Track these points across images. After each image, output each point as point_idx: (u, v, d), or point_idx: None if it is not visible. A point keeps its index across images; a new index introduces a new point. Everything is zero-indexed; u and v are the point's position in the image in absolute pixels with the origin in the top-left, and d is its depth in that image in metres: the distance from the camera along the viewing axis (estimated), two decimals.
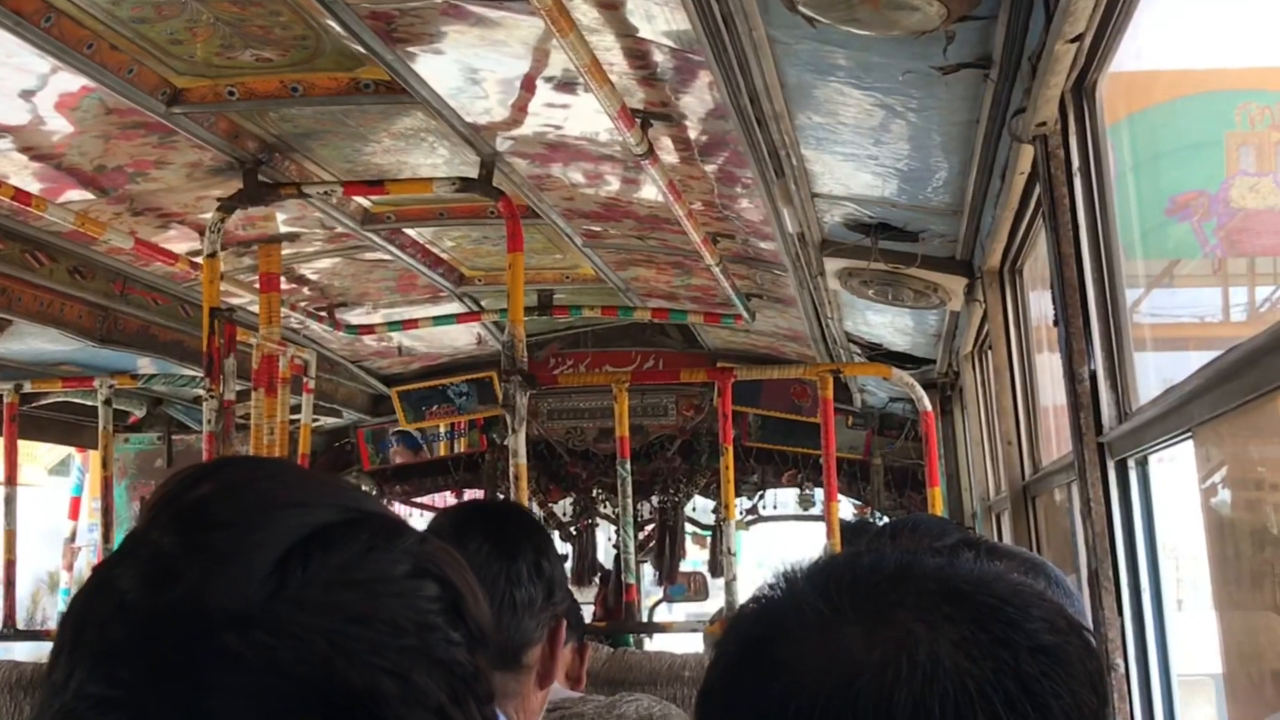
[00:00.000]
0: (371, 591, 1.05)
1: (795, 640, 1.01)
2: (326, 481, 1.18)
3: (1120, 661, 2.91)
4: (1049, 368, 4.55)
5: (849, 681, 0.95)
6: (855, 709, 0.94)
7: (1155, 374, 3.16)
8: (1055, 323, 3.14)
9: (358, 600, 1.04)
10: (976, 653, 0.96)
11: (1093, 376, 3.01)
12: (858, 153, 4.03)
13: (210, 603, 1.00)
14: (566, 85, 4.01)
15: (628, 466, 5.23)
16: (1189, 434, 2.45)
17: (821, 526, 5.32)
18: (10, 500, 6.00)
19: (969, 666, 0.95)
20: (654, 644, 8.22)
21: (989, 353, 5.53)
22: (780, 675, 0.99)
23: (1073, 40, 2.50)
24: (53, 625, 7.52)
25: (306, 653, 1.00)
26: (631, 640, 7.70)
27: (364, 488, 9.45)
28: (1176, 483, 2.98)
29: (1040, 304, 4.60)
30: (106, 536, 5.86)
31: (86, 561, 9.47)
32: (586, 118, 4.26)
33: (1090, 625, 2.02)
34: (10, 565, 5.85)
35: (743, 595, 5.13)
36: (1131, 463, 2.95)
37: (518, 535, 2.33)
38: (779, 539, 10.68)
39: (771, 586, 1.08)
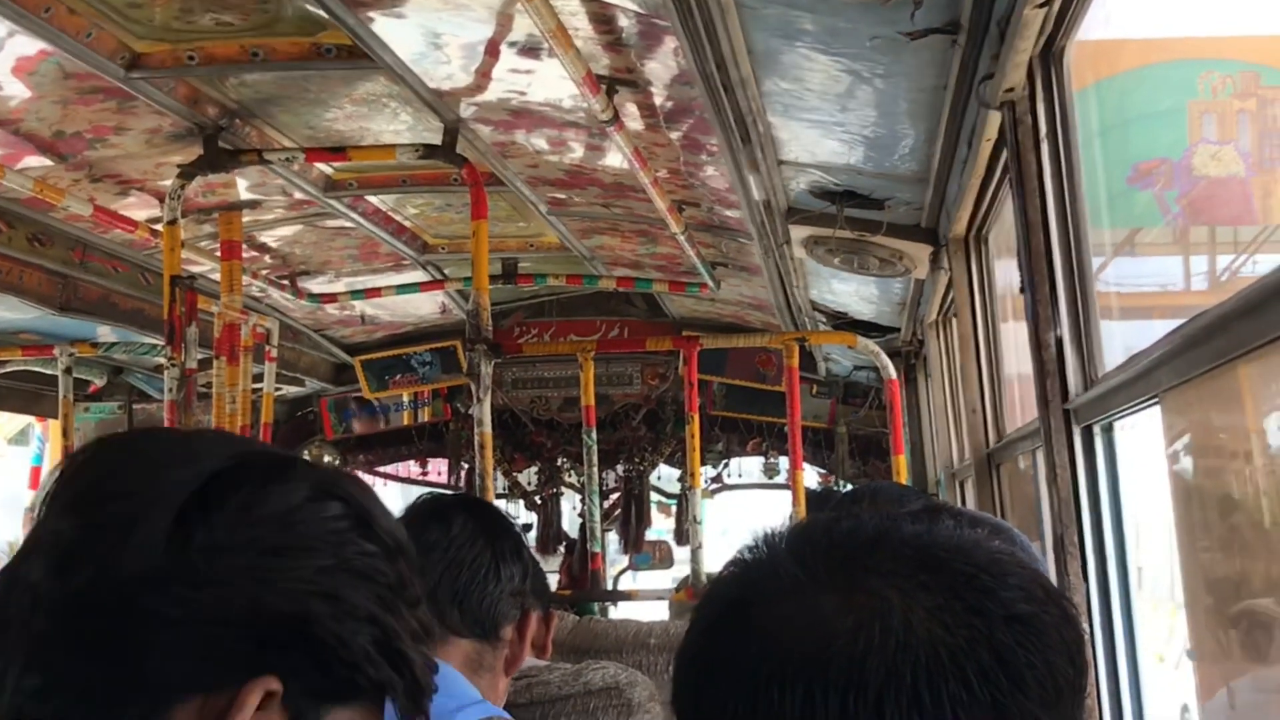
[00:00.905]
0: (278, 522, 1.07)
1: (771, 604, 1.00)
2: (205, 435, 1.21)
3: (1085, 627, 2.92)
4: (1013, 336, 4.56)
5: (822, 647, 0.95)
6: (828, 675, 0.94)
7: (1120, 342, 3.16)
8: (1021, 289, 3.14)
9: (266, 533, 1.06)
10: (950, 621, 0.95)
11: (1059, 343, 3.01)
12: (824, 119, 4.02)
13: (122, 572, 1.02)
14: (530, 50, 3.97)
15: (593, 435, 5.22)
16: (1156, 400, 2.46)
17: (786, 495, 5.33)
18: None
19: (942, 634, 0.95)
20: (619, 611, 8.24)
21: (954, 321, 5.53)
22: (756, 639, 0.99)
23: (1041, 5, 2.49)
24: None
25: (229, 594, 1.03)
26: (596, 609, 7.70)
27: (327, 458, 9.45)
28: (1139, 449, 2.99)
29: (1006, 272, 4.61)
30: None
31: None
32: (551, 84, 4.23)
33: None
34: None
35: (708, 563, 5.15)
36: (1097, 429, 2.96)
37: (499, 520, 2.43)
38: (744, 507, 10.70)
39: (750, 550, 1.08)
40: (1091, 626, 2.93)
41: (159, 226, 5.14)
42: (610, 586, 9.71)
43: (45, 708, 1.02)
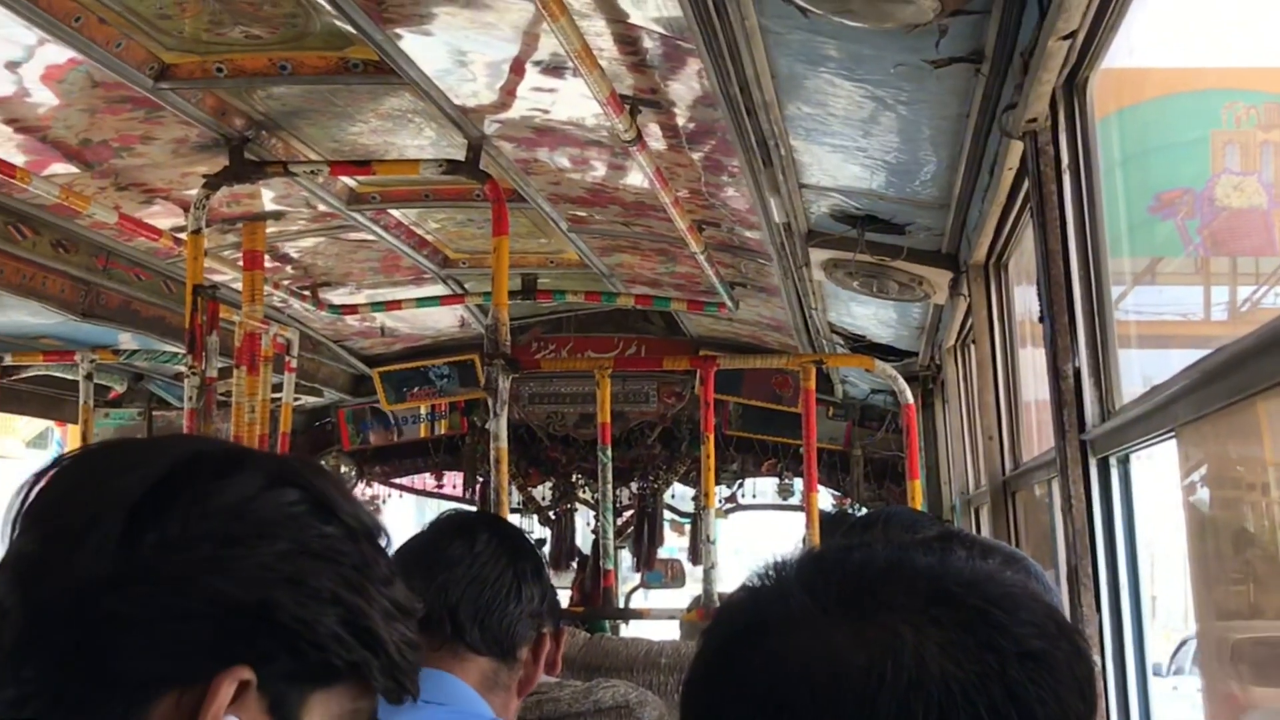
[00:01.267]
0: (232, 512, 1.08)
1: (782, 635, 1.00)
2: (162, 439, 1.22)
3: (1097, 658, 2.92)
4: (1031, 363, 4.56)
5: (833, 682, 0.95)
6: (839, 710, 0.94)
7: (1138, 371, 3.16)
8: (1040, 319, 3.14)
9: (221, 525, 1.07)
10: (962, 657, 0.95)
11: (1077, 374, 3.01)
12: (847, 144, 4.03)
13: (79, 579, 1.03)
14: (555, 69, 3.99)
15: (608, 453, 5.23)
16: (1172, 434, 2.46)
17: (800, 516, 5.33)
18: None
19: (954, 670, 0.95)
20: (629, 630, 8.23)
21: (972, 347, 5.53)
22: (766, 667, 0.99)
23: (1065, 37, 2.50)
24: None
25: (187, 589, 1.03)
26: (608, 626, 7.70)
27: (343, 469, 9.46)
28: (1155, 481, 2.98)
29: (1025, 299, 4.60)
30: None
31: None
32: (574, 102, 4.25)
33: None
34: None
35: (721, 583, 5.15)
36: (1113, 461, 2.96)
37: (522, 540, 2.44)
38: (757, 528, 10.68)
39: (761, 577, 1.08)
40: (1103, 658, 2.92)
41: (183, 235, 5.17)
42: (622, 604, 9.70)
43: (23, 713, 1.03)
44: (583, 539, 10.59)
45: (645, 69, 3.86)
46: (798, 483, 9.39)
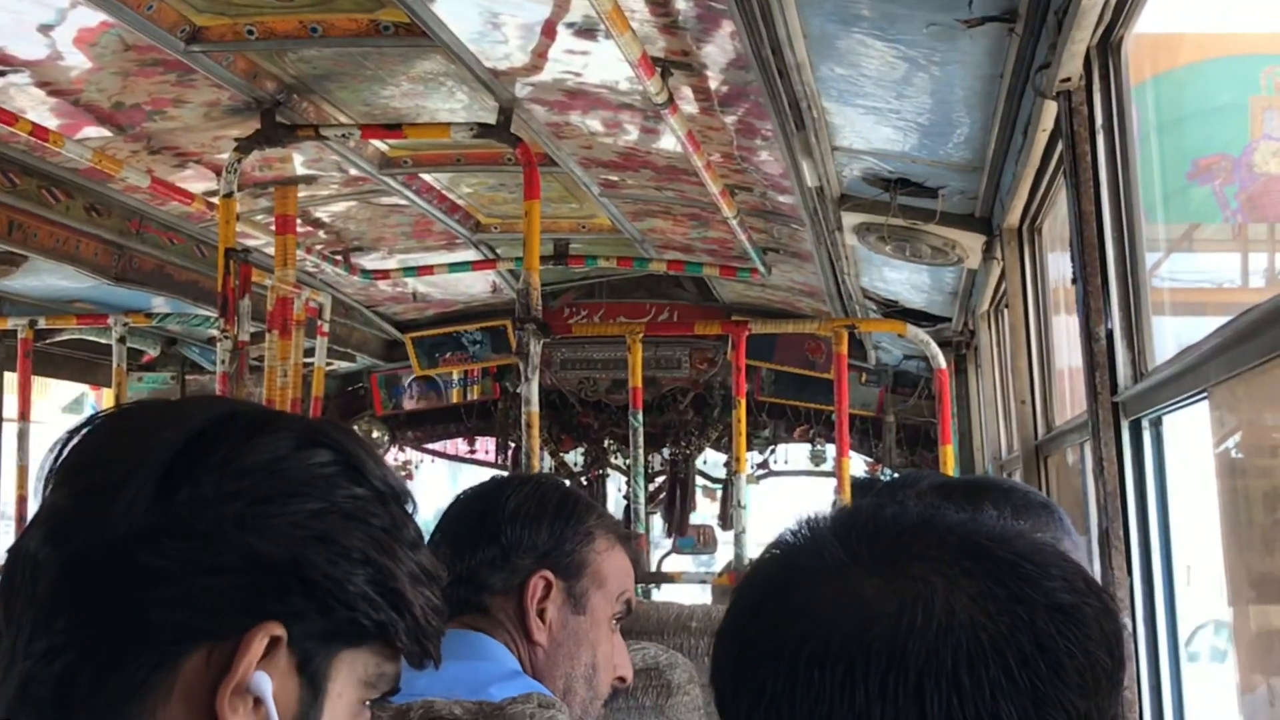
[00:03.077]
0: (265, 471, 1.09)
1: (813, 585, 1.01)
2: (194, 399, 1.25)
3: (1128, 621, 2.91)
4: (1065, 328, 4.53)
5: (863, 629, 0.96)
6: (868, 657, 0.95)
7: (1173, 338, 3.14)
8: (1073, 281, 3.12)
9: (253, 483, 1.08)
10: (993, 608, 0.96)
11: (1109, 336, 2.99)
12: (879, 106, 4.00)
13: (113, 532, 1.05)
14: (587, 32, 3.98)
15: (640, 418, 5.24)
16: (1204, 394, 2.44)
17: (831, 482, 5.33)
18: (23, 435, 6.03)
19: (984, 620, 0.96)
20: (661, 594, 8.25)
21: (1005, 311, 5.50)
22: (797, 619, 1.00)
23: None
24: None
25: (220, 544, 1.05)
26: (639, 590, 7.72)
27: (375, 434, 9.50)
28: (1189, 444, 2.97)
29: (1059, 263, 4.57)
30: None
31: None
32: (606, 65, 4.23)
33: (1087, 564, 2.03)
34: (22, 501, 5.88)
35: (752, 549, 5.16)
36: (1145, 423, 2.94)
37: (504, 490, 2.31)
38: (790, 493, 10.68)
39: (794, 533, 1.09)
40: (1134, 621, 2.91)
41: (215, 199, 5.18)
42: (654, 569, 9.73)
43: (52, 668, 1.04)
44: (614, 505, 10.61)
45: (677, 31, 3.84)
46: (830, 449, 9.39)
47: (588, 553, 2.25)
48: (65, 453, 1.13)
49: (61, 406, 15.83)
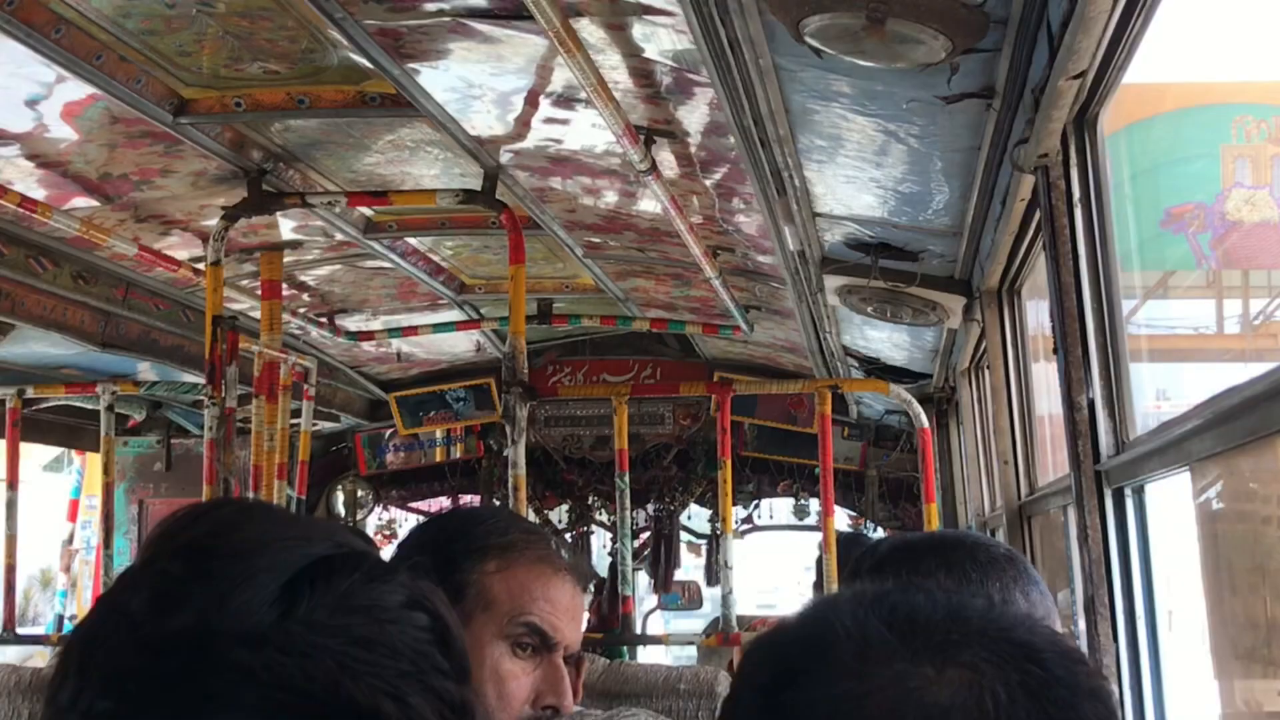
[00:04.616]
0: (373, 618, 1.12)
1: (856, 672, 1.00)
2: (315, 522, 1.28)
3: (1115, 689, 2.93)
4: (1046, 378, 4.57)
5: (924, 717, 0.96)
6: None
7: (1150, 385, 3.18)
8: (1055, 350, 3.16)
9: (361, 625, 1.10)
10: (1040, 694, 0.98)
11: (1091, 405, 3.03)
12: (859, 175, 4.06)
13: (221, 623, 1.06)
14: (567, 101, 4.03)
15: (626, 479, 5.24)
16: (1186, 468, 2.48)
17: (816, 536, 5.34)
18: (12, 505, 6.00)
19: (1033, 707, 0.97)
20: (646, 654, 8.24)
21: (986, 370, 5.55)
22: (841, 706, 0.99)
23: (1075, 77, 2.52)
24: (44, 624, 7.55)
25: (315, 670, 1.06)
26: (626, 652, 7.71)
27: (360, 493, 9.49)
28: (1170, 510, 3.00)
29: (1038, 314, 4.60)
30: (107, 541, 5.87)
31: (82, 563, 9.48)
32: (586, 132, 4.29)
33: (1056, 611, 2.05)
34: (10, 570, 5.85)
35: (738, 606, 5.17)
36: (1128, 491, 2.97)
37: None
38: (773, 548, 10.69)
39: (813, 610, 1.08)
40: (1121, 689, 2.94)
41: (200, 265, 5.21)
42: (639, 625, 9.71)
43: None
44: (599, 561, 10.60)
45: (659, 100, 3.90)
46: (813, 503, 9.40)
47: (474, 574, 2.17)
48: (186, 525, 1.15)
49: (42, 465, 15.77)
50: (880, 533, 9.02)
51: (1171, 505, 2.94)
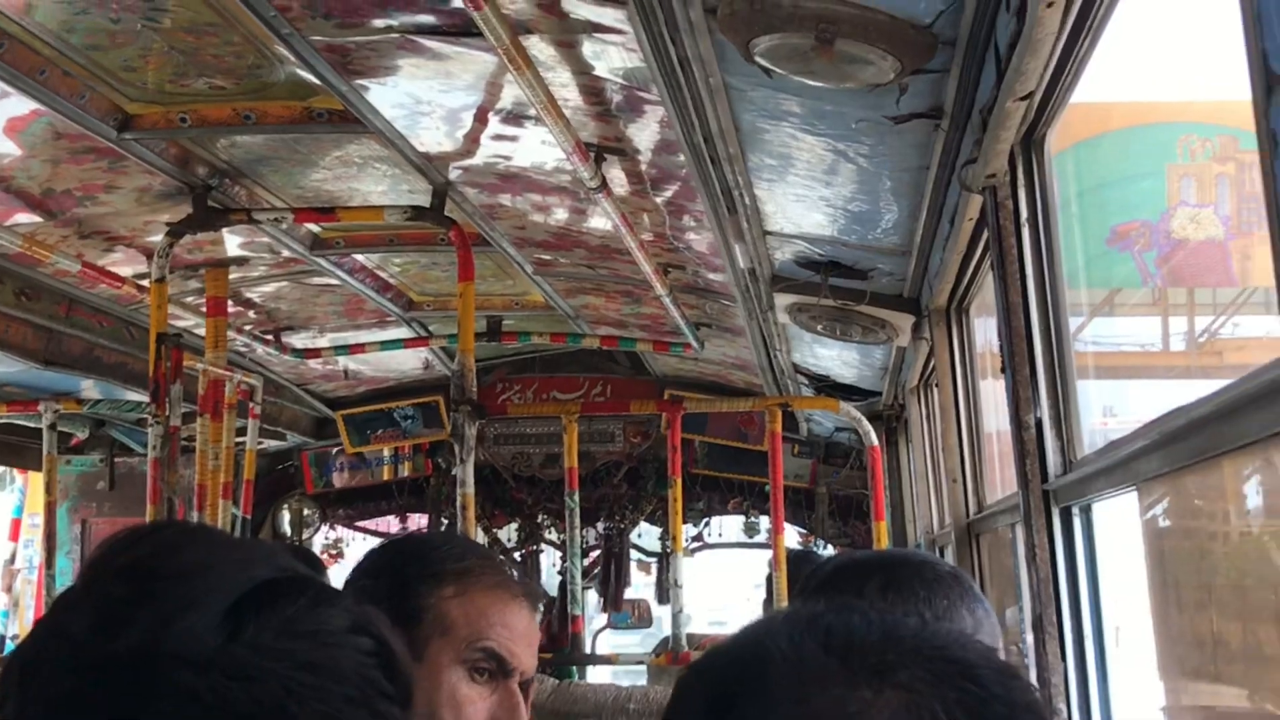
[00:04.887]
0: (319, 642, 1.11)
1: (794, 697, 0.99)
2: (258, 544, 1.27)
3: (1063, 707, 2.94)
4: (994, 397, 4.58)
5: None
6: None
7: (1097, 401, 3.19)
8: (1003, 369, 3.17)
9: (306, 649, 1.10)
10: (978, 711, 0.97)
11: (1038, 424, 3.04)
12: (809, 194, 4.06)
13: (166, 645, 1.05)
14: (517, 118, 4.02)
15: (575, 498, 5.23)
16: (1133, 487, 2.49)
17: (766, 554, 5.34)
18: None
19: None
20: (595, 674, 8.22)
21: (934, 388, 5.56)
22: None
23: (1023, 98, 2.53)
24: None
25: (261, 694, 1.06)
26: (575, 672, 7.68)
27: (306, 512, 9.42)
28: (1117, 528, 3.01)
29: (986, 332, 4.62)
30: (49, 561, 5.79)
31: (24, 583, 9.36)
32: (536, 149, 4.28)
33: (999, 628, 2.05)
34: None
35: (689, 624, 5.16)
36: (1076, 510, 2.98)
37: None
38: (723, 565, 10.69)
39: (748, 634, 1.07)
40: (1069, 706, 2.94)
41: (144, 282, 5.16)
42: (589, 644, 9.68)
43: None
44: (548, 580, 10.57)
45: (609, 118, 3.89)
46: (764, 520, 9.40)
47: (430, 599, 2.15)
48: (129, 546, 1.14)
49: None
50: (830, 550, 9.03)
51: (1118, 523, 2.95)
